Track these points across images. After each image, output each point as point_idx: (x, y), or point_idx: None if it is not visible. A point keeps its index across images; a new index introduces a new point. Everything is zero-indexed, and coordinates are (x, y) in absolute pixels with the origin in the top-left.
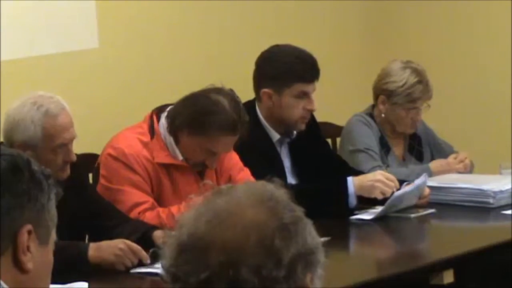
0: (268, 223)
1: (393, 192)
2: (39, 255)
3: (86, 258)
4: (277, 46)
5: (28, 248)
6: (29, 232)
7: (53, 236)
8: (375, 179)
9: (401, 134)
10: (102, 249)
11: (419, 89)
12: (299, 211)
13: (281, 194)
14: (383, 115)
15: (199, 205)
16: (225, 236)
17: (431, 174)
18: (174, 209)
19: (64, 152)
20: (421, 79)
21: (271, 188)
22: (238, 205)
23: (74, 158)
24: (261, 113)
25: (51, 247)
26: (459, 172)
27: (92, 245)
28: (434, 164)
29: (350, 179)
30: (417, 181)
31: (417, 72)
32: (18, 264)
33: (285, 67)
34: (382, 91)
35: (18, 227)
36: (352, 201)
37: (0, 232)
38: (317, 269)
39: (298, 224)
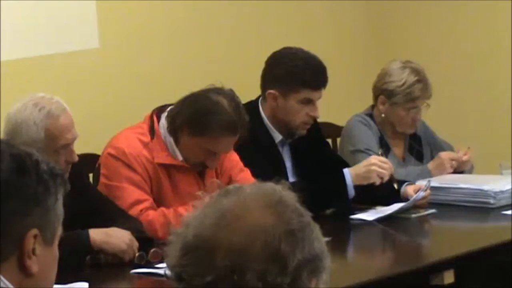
0: (275, 228)
1: (396, 201)
2: (44, 256)
3: (88, 242)
4: (288, 48)
5: (33, 251)
6: (35, 236)
7: (59, 232)
8: (369, 163)
9: (401, 134)
10: (111, 235)
11: (419, 88)
12: (307, 215)
13: (290, 197)
14: (383, 115)
15: (206, 205)
16: (231, 239)
17: (430, 175)
18: (181, 209)
19: (66, 153)
20: (420, 78)
21: (279, 190)
22: (245, 207)
23: (76, 158)
24: (265, 113)
25: (56, 243)
26: (460, 172)
27: (95, 230)
28: (431, 165)
29: (346, 171)
30: (420, 193)
31: (416, 71)
32: (23, 269)
33: (294, 72)
34: (381, 91)
35: (24, 232)
36: (351, 192)
37: (5, 237)
38: (322, 275)
39: (305, 229)
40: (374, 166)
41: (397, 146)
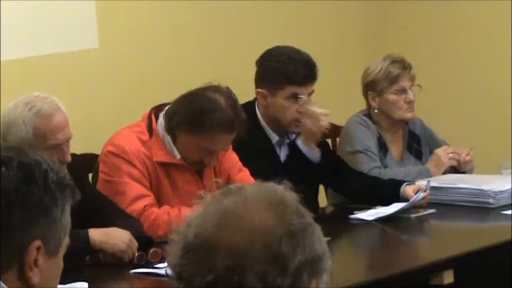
0: (275, 229)
1: (396, 201)
2: (47, 267)
3: (87, 242)
4: (277, 47)
5: (35, 262)
6: (38, 248)
7: (65, 243)
8: (302, 122)
9: (399, 129)
10: (110, 235)
11: (396, 67)
12: (309, 216)
13: (291, 198)
14: (376, 110)
15: (207, 204)
16: (231, 239)
17: (430, 174)
18: (185, 210)
19: (58, 153)
20: (395, 59)
21: (281, 191)
22: (246, 208)
23: (69, 159)
24: (260, 114)
25: (61, 254)
26: (462, 173)
27: (95, 230)
28: (430, 164)
29: (298, 141)
30: (420, 194)
31: (391, 57)
32: (24, 280)
33: (277, 68)
34: (367, 87)
35: (27, 243)
36: (313, 156)
37: (8, 247)
38: (323, 276)
39: (306, 231)
40: (318, 120)
41: (396, 144)
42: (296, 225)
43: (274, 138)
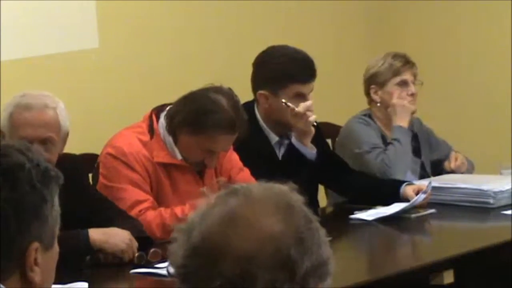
0: (285, 235)
1: (396, 201)
2: (45, 261)
3: (87, 242)
4: (272, 47)
5: (35, 261)
6: (36, 249)
7: (58, 229)
8: (300, 118)
9: None
10: (110, 235)
11: (398, 60)
12: (315, 220)
13: (298, 200)
14: (378, 104)
15: (212, 204)
16: (240, 246)
17: (402, 126)
18: (177, 209)
19: None
20: (397, 54)
21: (287, 193)
22: (254, 211)
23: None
24: (260, 115)
25: (56, 242)
26: (460, 172)
27: (95, 230)
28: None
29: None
30: (421, 196)
31: (393, 52)
32: (27, 281)
33: (279, 69)
34: (369, 81)
35: (25, 248)
36: (309, 154)
37: (8, 257)
38: (327, 279)
39: (314, 236)
40: (304, 117)
41: None
42: (304, 231)
43: (273, 138)
